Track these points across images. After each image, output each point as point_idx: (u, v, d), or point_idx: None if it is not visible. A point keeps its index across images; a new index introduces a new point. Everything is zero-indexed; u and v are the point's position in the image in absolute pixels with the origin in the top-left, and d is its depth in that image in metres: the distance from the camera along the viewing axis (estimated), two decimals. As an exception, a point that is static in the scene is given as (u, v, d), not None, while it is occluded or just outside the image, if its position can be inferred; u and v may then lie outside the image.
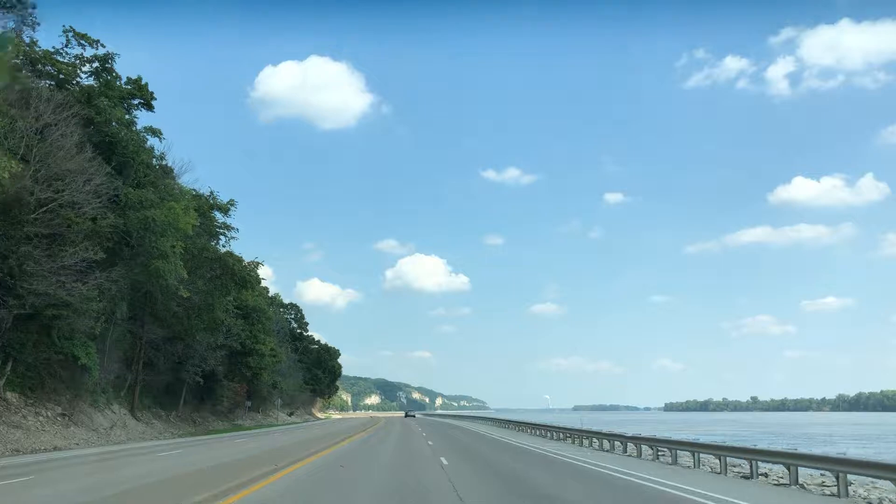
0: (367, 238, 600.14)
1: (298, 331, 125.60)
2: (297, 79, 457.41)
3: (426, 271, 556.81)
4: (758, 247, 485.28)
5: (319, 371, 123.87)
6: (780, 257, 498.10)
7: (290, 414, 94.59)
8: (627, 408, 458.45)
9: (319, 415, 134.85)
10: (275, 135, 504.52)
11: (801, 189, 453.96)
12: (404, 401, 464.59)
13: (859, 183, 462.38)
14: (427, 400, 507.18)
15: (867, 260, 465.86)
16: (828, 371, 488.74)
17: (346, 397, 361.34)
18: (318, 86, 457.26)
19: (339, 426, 62.75)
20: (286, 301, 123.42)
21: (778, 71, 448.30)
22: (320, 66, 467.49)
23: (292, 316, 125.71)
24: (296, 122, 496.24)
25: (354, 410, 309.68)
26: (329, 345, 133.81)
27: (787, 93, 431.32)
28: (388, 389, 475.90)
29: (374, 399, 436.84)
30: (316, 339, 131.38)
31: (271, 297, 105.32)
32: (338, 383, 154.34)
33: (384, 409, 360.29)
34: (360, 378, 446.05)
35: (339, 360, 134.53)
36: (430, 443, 29.96)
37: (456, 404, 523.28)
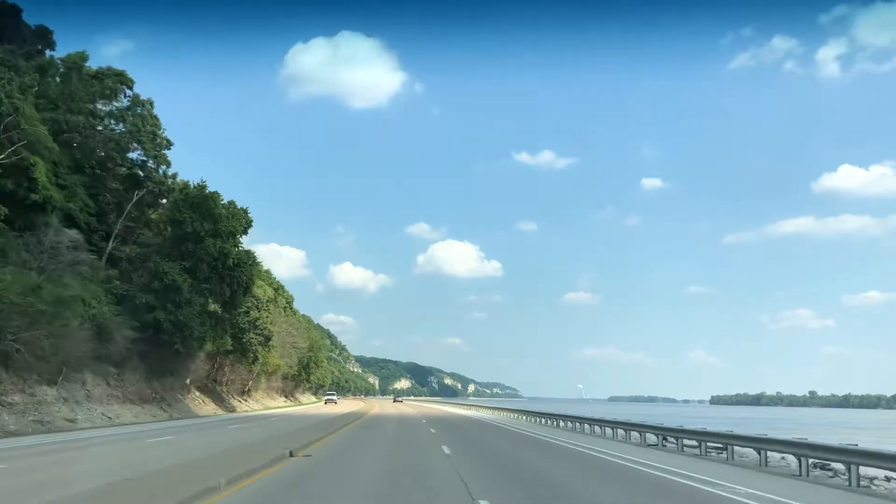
0: (399, 222, 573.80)
1: (139, 158, 47.17)
2: (328, 55, 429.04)
3: (458, 257, 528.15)
4: (800, 238, 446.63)
5: (182, 277, 40.01)
6: (823, 249, 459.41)
7: None
8: (665, 400, 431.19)
9: (274, 403, 79.75)
10: (305, 113, 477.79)
11: (847, 178, 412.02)
12: (436, 386, 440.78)
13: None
14: (459, 386, 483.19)
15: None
16: (876, 367, 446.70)
17: (373, 381, 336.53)
18: (350, 62, 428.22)
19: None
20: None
21: (829, 52, 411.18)
22: (352, 42, 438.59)
23: (124, 120, 45.88)
24: (327, 101, 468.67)
25: (382, 395, 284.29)
26: (219, 194, 44.57)
27: (837, 75, 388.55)
28: (420, 374, 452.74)
29: (403, 383, 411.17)
30: (182, 182, 46.45)
31: None
32: (264, 324, 60.73)
33: (414, 394, 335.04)
34: (389, 360, 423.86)
35: (253, 245, 58.98)
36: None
37: (489, 391, 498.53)
